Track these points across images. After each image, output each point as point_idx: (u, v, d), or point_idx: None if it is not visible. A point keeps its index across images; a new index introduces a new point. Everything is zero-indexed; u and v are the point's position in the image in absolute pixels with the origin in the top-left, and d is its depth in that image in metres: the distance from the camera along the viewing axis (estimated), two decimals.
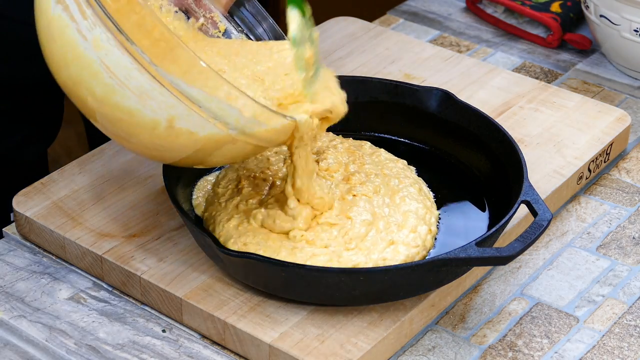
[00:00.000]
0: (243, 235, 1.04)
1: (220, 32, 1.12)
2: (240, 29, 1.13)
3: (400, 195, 1.10)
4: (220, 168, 1.16)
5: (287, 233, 1.05)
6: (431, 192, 1.14)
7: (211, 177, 1.15)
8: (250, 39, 1.13)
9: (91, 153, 1.21)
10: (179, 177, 1.10)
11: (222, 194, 1.11)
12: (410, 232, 1.06)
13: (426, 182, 1.14)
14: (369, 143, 1.18)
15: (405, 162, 1.17)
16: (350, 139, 1.19)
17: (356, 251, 1.03)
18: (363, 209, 1.07)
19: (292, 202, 1.05)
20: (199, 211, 1.11)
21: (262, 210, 1.06)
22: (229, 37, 1.12)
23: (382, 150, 1.18)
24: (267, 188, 1.10)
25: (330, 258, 1.02)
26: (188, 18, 1.11)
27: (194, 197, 1.13)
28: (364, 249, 1.03)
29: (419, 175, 1.15)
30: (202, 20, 1.12)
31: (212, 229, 1.07)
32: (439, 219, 1.10)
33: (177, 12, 1.10)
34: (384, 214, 1.07)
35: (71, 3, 0.93)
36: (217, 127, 0.94)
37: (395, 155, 1.17)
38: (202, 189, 1.14)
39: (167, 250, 1.08)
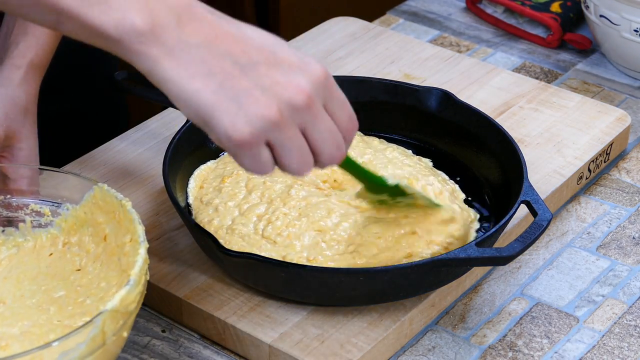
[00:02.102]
0: (227, 244, 1.03)
1: (50, 216, 1.03)
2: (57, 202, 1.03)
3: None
4: (216, 157, 1.15)
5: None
6: (461, 193, 1.11)
7: (210, 165, 1.14)
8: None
9: (91, 153, 1.21)
10: (179, 177, 1.10)
11: (206, 193, 1.09)
12: (431, 243, 1.03)
13: None
14: (377, 139, 1.17)
15: (420, 157, 1.15)
16: (359, 134, 1.17)
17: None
18: (380, 226, 1.03)
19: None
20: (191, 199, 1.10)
21: (240, 229, 1.04)
22: (60, 214, 1.02)
23: (394, 145, 1.16)
24: (244, 191, 1.08)
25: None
26: (17, 227, 1.03)
27: (190, 186, 1.11)
28: (378, 265, 1.00)
29: None
30: (28, 219, 1.03)
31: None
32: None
33: (3, 230, 1.03)
34: (404, 222, 1.04)
35: None
36: None
37: None
38: (199, 177, 1.12)
39: (167, 250, 1.08)
